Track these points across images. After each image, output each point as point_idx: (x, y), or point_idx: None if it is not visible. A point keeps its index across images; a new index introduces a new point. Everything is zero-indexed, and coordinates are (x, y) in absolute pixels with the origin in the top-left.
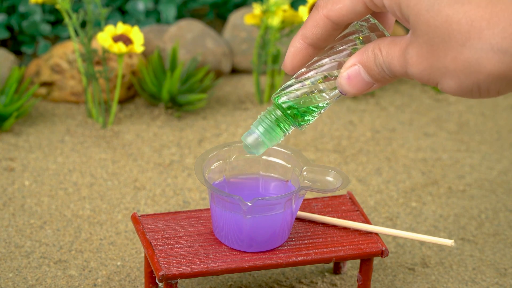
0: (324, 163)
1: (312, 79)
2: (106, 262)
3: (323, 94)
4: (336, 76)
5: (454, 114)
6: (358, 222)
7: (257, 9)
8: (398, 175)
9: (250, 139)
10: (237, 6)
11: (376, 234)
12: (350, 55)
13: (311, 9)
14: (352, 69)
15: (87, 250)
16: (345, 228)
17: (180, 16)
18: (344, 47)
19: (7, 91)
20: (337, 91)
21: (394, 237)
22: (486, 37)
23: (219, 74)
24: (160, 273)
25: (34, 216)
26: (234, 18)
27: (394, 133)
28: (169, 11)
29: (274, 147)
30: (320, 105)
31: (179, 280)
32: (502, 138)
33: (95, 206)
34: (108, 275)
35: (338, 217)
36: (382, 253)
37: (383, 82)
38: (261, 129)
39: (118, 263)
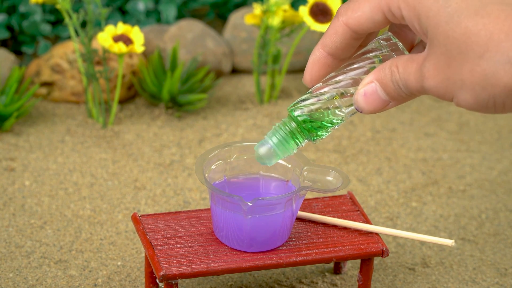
0: (324, 163)
1: (328, 95)
2: (107, 262)
3: (338, 110)
4: (352, 93)
5: (454, 114)
6: (359, 222)
7: (257, 9)
8: (398, 175)
9: (263, 150)
10: (238, 6)
11: (377, 234)
12: (367, 73)
13: (311, 9)
14: (369, 86)
15: (88, 250)
16: (345, 228)
17: (180, 16)
18: (361, 64)
19: (7, 91)
20: (352, 107)
21: (395, 237)
22: (504, 49)
23: (219, 74)
24: (161, 273)
25: (35, 216)
26: (235, 18)
27: (394, 133)
28: (170, 11)
29: None
30: (335, 121)
31: (179, 280)
32: (503, 138)
33: (95, 206)
34: (108, 275)
35: (338, 217)
36: (383, 253)
37: (399, 100)
38: (275, 140)
39: (119, 263)
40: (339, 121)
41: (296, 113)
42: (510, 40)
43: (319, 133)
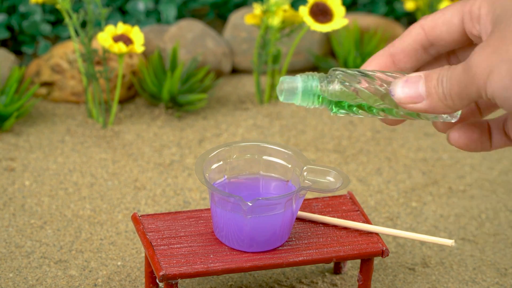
0: (324, 163)
1: (381, 88)
2: (107, 262)
3: (377, 103)
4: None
5: None
6: (359, 222)
7: (257, 9)
8: (398, 175)
9: (287, 84)
10: (238, 6)
11: (377, 234)
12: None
13: (311, 9)
14: (415, 76)
15: (88, 250)
16: (345, 228)
17: (180, 16)
18: None
19: (7, 91)
20: (388, 107)
21: (395, 237)
22: None
23: (219, 74)
24: (161, 273)
25: (35, 216)
26: (235, 18)
27: (394, 133)
28: (170, 11)
29: (274, 147)
30: (363, 103)
31: (179, 280)
32: None
33: (95, 206)
34: (108, 275)
35: (338, 217)
36: (383, 253)
37: (433, 101)
38: (301, 84)
39: (119, 263)
40: (365, 107)
41: (335, 86)
42: None
43: (341, 109)
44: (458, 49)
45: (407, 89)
